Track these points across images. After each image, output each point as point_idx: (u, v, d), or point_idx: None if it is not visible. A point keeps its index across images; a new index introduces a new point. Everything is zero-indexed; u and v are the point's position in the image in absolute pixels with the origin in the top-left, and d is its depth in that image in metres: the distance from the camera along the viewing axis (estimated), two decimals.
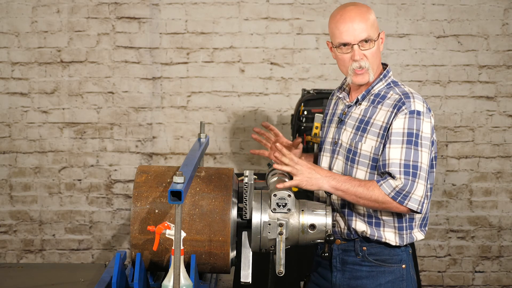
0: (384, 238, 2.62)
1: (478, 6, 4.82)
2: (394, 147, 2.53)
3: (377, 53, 2.64)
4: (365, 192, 2.52)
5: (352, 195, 2.54)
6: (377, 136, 2.59)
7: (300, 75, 4.85)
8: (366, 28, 2.59)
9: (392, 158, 2.52)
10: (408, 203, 2.50)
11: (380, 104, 2.62)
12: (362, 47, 2.60)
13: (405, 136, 2.53)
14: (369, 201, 2.53)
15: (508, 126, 4.90)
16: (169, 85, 4.84)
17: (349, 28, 2.59)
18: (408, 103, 2.56)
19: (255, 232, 2.51)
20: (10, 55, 4.79)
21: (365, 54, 2.61)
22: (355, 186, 2.54)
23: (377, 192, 2.51)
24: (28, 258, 4.89)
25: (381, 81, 2.67)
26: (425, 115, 2.56)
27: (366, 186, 2.53)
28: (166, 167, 2.64)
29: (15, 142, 4.84)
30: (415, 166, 2.51)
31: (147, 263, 2.53)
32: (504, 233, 4.94)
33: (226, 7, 4.82)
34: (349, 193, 2.54)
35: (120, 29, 4.81)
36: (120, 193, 4.90)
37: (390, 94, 2.63)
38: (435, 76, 4.87)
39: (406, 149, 2.52)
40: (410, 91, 2.62)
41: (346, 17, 2.60)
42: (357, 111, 2.68)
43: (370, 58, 2.62)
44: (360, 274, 2.65)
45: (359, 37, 2.59)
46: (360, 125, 2.64)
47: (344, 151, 2.67)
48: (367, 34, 2.59)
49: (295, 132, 4.32)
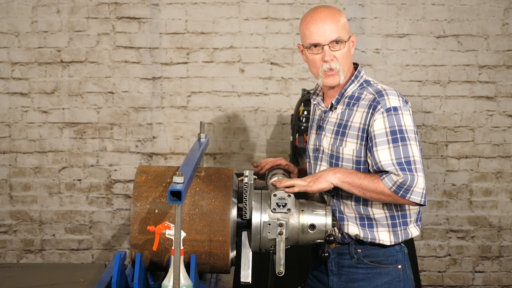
0: (378, 239, 2.62)
1: (478, 6, 4.82)
2: (381, 149, 2.53)
3: (347, 55, 2.64)
4: (370, 185, 2.51)
5: (358, 187, 2.53)
6: (356, 138, 2.59)
7: (300, 75, 4.85)
8: (336, 29, 2.60)
9: (383, 160, 2.52)
10: (411, 196, 2.49)
11: (356, 106, 2.62)
12: (333, 48, 2.60)
13: (389, 136, 2.52)
14: (375, 193, 2.52)
15: (508, 126, 4.90)
16: (169, 85, 4.84)
17: (320, 29, 2.60)
18: (383, 101, 2.56)
19: (255, 232, 2.51)
20: (10, 55, 4.79)
21: (335, 55, 2.61)
22: (361, 179, 2.53)
23: (382, 185, 2.51)
24: (28, 258, 4.89)
25: (353, 82, 2.67)
26: (402, 109, 2.55)
27: (371, 178, 2.52)
28: (166, 167, 2.64)
29: (15, 142, 4.84)
30: (408, 162, 2.50)
31: (147, 263, 2.53)
32: (504, 233, 4.94)
33: (226, 7, 4.82)
34: (354, 185, 2.53)
35: (120, 29, 4.81)
36: (120, 193, 4.90)
37: (364, 95, 2.63)
38: (435, 76, 4.87)
39: (394, 148, 2.51)
40: (383, 88, 2.61)
41: (317, 18, 2.62)
42: (334, 116, 2.68)
43: (341, 60, 2.62)
44: (357, 277, 2.65)
45: (329, 38, 2.60)
46: (338, 129, 2.64)
47: (326, 157, 2.67)
48: (337, 35, 2.60)
49: (295, 132, 4.32)
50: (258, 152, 4.90)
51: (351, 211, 2.63)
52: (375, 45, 4.85)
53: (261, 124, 4.88)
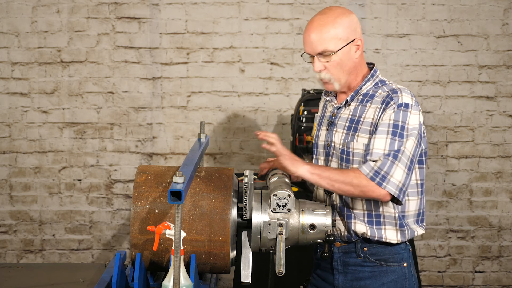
0: (385, 237, 2.62)
1: (478, 6, 4.82)
2: (379, 137, 2.53)
3: (342, 63, 2.61)
4: (338, 176, 2.51)
5: (327, 179, 2.52)
6: (368, 133, 2.59)
7: (300, 75, 4.85)
8: (321, 41, 2.58)
9: (376, 148, 2.52)
10: (386, 185, 2.47)
11: (369, 103, 2.63)
12: (322, 59, 2.61)
13: (390, 127, 2.53)
14: (343, 184, 2.50)
15: (508, 126, 4.90)
16: (169, 85, 4.84)
17: (307, 40, 2.61)
18: (396, 98, 2.57)
19: (255, 232, 2.51)
20: (10, 55, 4.79)
21: (325, 65, 2.61)
22: (328, 170, 2.54)
23: (351, 174, 2.50)
24: (28, 258, 4.89)
25: (369, 81, 2.68)
26: (413, 107, 2.56)
27: (341, 170, 2.54)
28: (166, 167, 2.64)
29: (15, 142, 4.84)
30: (396, 155, 2.50)
31: (147, 263, 2.53)
32: (504, 233, 4.94)
33: (226, 7, 4.82)
34: (323, 176, 2.53)
35: (120, 29, 4.81)
36: (120, 193, 4.90)
37: (378, 93, 2.64)
38: (435, 76, 4.87)
39: (390, 140, 2.51)
40: (398, 87, 2.62)
41: (308, 28, 2.62)
42: (346, 112, 2.69)
43: (332, 69, 2.61)
44: (363, 275, 2.65)
45: (315, 50, 2.60)
46: (350, 125, 2.65)
47: (337, 153, 2.67)
48: (322, 48, 2.58)
49: (295, 132, 4.32)
50: (258, 152, 4.90)
51: (360, 207, 2.63)
52: (375, 45, 4.85)
53: (261, 124, 4.88)
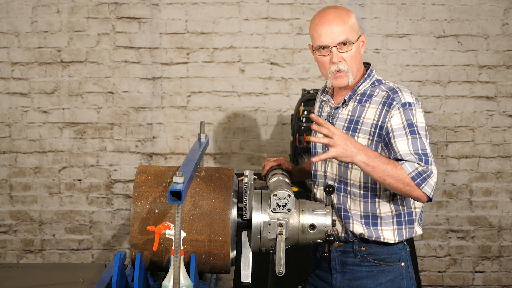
0: (382, 237, 2.63)
1: (478, 6, 4.82)
2: (399, 140, 2.53)
3: (356, 56, 2.64)
4: (393, 171, 2.47)
5: (381, 172, 2.47)
6: (369, 134, 2.60)
7: (300, 75, 4.85)
8: (344, 30, 2.60)
9: (402, 150, 2.51)
10: (424, 187, 2.48)
11: (368, 103, 2.63)
12: (341, 50, 2.61)
13: (407, 128, 2.53)
14: (395, 180, 2.48)
15: (508, 126, 4.90)
16: (169, 85, 4.84)
17: (328, 31, 2.61)
18: (398, 98, 2.57)
19: (255, 232, 2.51)
20: (10, 55, 4.79)
21: (343, 57, 2.62)
22: (385, 164, 2.48)
23: (403, 172, 2.48)
24: (28, 258, 4.89)
25: (366, 80, 2.69)
26: (416, 105, 2.58)
27: (394, 164, 2.49)
28: (166, 167, 2.64)
29: (15, 142, 4.84)
30: (425, 153, 2.51)
31: (147, 263, 2.53)
32: (504, 233, 4.94)
33: (226, 7, 4.82)
34: (378, 170, 2.47)
35: (120, 29, 4.81)
36: (120, 193, 4.90)
37: (376, 92, 2.64)
38: (435, 76, 4.87)
39: (411, 139, 2.52)
40: (396, 86, 2.63)
41: (324, 20, 2.63)
42: (345, 112, 2.69)
43: (349, 61, 2.62)
44: (360, 275, 2.65)
45: (337, 40, 2.60)
46: (350, 125, 2.65)
47: None
48: (345, 37, 2.60)
49: (295, 132, 4.32)
50: (258, 152, 4.90)
51: (357, 208, 2.63)
52: (375, 45, 4.85)
53: (261, 124, 4.88)
